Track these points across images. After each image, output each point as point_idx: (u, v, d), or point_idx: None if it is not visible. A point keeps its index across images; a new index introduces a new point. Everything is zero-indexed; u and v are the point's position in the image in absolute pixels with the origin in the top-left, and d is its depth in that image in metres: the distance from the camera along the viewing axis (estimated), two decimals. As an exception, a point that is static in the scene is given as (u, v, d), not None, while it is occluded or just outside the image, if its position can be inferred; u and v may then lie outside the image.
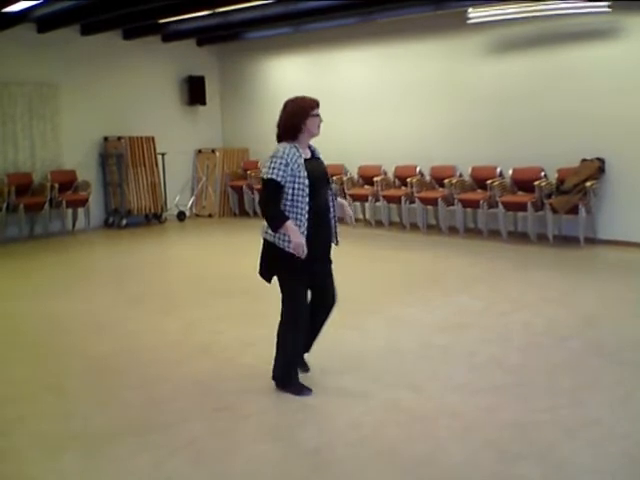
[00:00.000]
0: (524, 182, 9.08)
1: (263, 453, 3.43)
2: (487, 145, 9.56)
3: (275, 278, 4.17)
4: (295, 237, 3.87)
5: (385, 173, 10.52)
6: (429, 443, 3.52)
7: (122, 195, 11.25)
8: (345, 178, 10.86)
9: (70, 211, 10.91)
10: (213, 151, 12.59)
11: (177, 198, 12.23)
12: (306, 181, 3.95)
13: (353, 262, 8.22)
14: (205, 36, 12.02)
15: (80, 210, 10.96)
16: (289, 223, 3.89)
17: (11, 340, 5.47)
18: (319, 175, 4.09)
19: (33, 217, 10.51)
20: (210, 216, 12.47)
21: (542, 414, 3.78)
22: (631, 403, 3.92)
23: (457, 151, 9.83)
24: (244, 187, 12.14)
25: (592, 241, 8.64)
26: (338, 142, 11.22)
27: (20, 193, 10.29)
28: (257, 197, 11.96)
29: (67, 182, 10.87)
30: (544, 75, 8.99)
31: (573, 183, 8.46)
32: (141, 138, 11.41)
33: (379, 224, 10.36)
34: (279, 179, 3.91)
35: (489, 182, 9.25)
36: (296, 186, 3.93)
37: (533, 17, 8.67)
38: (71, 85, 11.00)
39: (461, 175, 9.78)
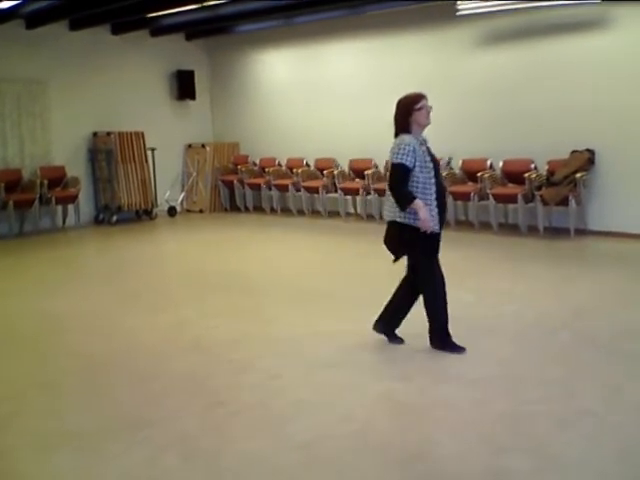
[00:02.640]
0: (514, 174, 9.11)
1: (254, 448, 3.42)
2: (477, 137, 9.57)
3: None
4: (424, 214, 4.33)
5: (376, 166, 10.51)
6: (421, 436, 3.53)
7: (112, 191, 11.21)
8: (336, 172, 10.85)
9: (60, 208, 10.87)
10: (203, 146, 12.55)
11: (167, 194, 12.20)
12: (431, 165, 4.45)
13: (343, 257, 8.24)
14: (194, 30, 11.98)
15: (70, 206, 10.93)
16: (418, 201, 4.35)
17: (2, 338, 5.44)
18: (436, 161, 4.59)
19: (23, 214, 10.46)
20: (201, 211, 12.44)
21: (534, 406, 3.79)
22: (623, 394, 3.93)
23: (447, 144, 9.80)
24: (235, 182, 12.12)
25: (582, 232, 8.68)
26: (329, 135, 11.24)
27: (9, 190, 10.25)
28: (248, 191, 11.97)
29: (56, 178, 10.83)
30: (534, 67, 9.00)
31: (563, 175, 8.49)
32: (130, 133, 11.36)
33: (370, 218, 10.36)
34: (408, 163, 4.36)
35: (479, 174, 9.27)
36: (424, 170, 4.41)
37: (522, 9, 8.68)
38: (60, 81, 10.95)
39: (452, 168, 9.79)
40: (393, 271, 4.71)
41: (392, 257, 4.60)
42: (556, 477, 3.07)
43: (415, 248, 4.53)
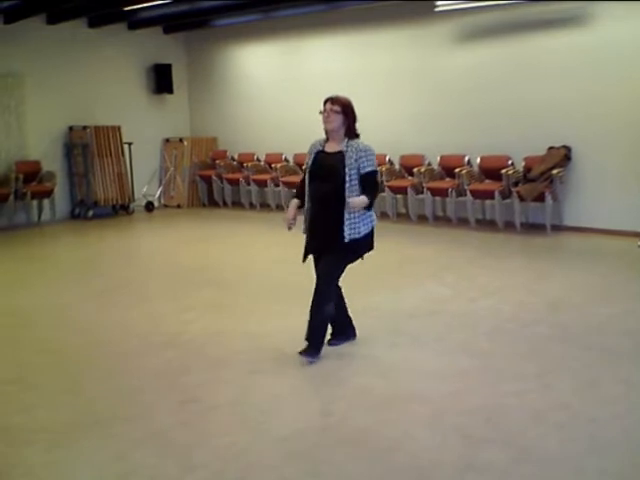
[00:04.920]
0: (492, 170, 9.15)
1: (231, 443, 3.40)
2: (455, 134, 9.60)
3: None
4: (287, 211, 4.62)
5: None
6: (398, 429, 3.52)
7: (88, 186, 11.09)
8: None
9: (35, 202, 10.75)
10: (181, 140, 12.47)
11: (145, 188, 12.10)
12: (311, 169, 4.47)
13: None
14: (172, 24, 11.87)
15: (45, 201, 10.81)
16: (292, 200, 4.64)
17: (-27, 333, 5.36)
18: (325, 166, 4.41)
19: (-3, 209, 10.33)
20: (179, 206, 12.36)
21: (509, 399, 3.81)
22: (597, 387, 3.96)
23: (426, 140, 9.85)
24: (213, 177, 12.06)
25: (558, 228, 8.74)
26: (307, 131, 11.11)
27: (-16, 184, 10.11)
28: (226, 186, 11.90)
29: (32, 173, 10.71)
30: (511, 63, 9.04)
31: (540, 171, 8.54)
32: (107, 127, 11.24)
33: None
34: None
35: (457, 171, 9.30)
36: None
37: (500, 5, 8.71)
38: (36, 75, 10.80)
39: (430, 164, 9.82)
40: (365, 265, 4.69)
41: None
42: (531, 469, 3.09)
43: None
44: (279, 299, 6.00)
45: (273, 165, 11.39)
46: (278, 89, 11.66)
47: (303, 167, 10.55)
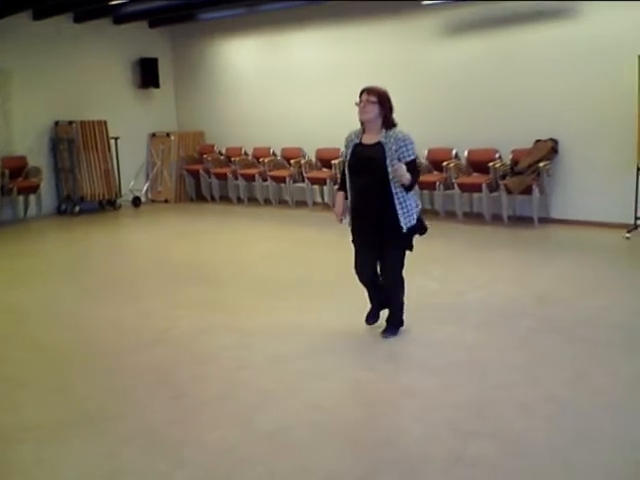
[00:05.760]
0: (479, 163, 9.17)
1: (220, 439, 3.40)
2: (442, 127, 9.61)
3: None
4: (335, 204, 4.82)
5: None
6: (387, 423, 3.54)
7: (74, 181, 11.02)
8: (303, 161, 10.82)
9: (21, 198, 10.68)
10: (168, 135, 12.41)
11: (132, 183, 12.05)
12: (351, 161, 4.55)
13: (310, 247, 8.22)
14: (157, 17, 11.79)
15: (32, 197, 10.74)
16: (339, 192, 4.80)
17: (-40, 331, 5.33)
18: (365, 158, 4.48)
19: (-17, 205, 10.26)
20: (166, 201, 12.31)
21: (497, 391, 3.83)
22: (585, 380, 3.99)
23: (413, 133, 9.75)
24: (201, 171, 12.02)
25: (545, 221, 8.79)
26: (295, 125, 11.19)
27: (-31, 180, 10.03)
28: (214, 181, 11.86)
29: (18, 168, 10.64)
30: (498, 56, 9.06)
31: (527, 164, 8.57)
32: (93, 122, 11.18)
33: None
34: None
35: (445, 164, 9.31)
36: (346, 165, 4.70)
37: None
38: (22, 70, 10.71)
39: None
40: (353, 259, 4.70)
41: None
42: (519, 462, 3.11)
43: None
44: (268, 294, 6.00)
45: (261, 159, 11.37)
46: (265, 83, 11.63)
47: (298, 159, 10.67)
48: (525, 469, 3.05)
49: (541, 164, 8.55)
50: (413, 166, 4.38)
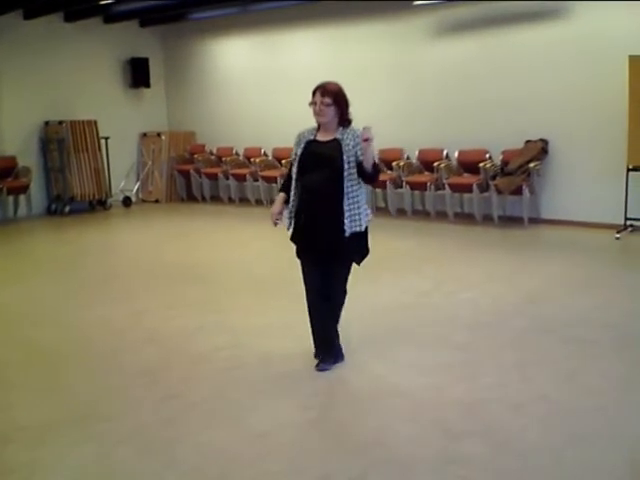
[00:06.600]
0: (470, 164, 9.20)
1: (211, 439, 3.39)
2: (433, 127, 9.63)
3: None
4: (272, 206, 4.36)
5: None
6: (378, 423, 3.53)
7: (64, 181, 10.97)
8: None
9: (11, 198, 10.62)
10: (159, 135, 12.37)
11: (122, 183, 12.00)
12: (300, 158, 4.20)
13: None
14: (148, 17, 11.77)
15: (21, 197, 10.69)
16: (280, 194, 4.37)
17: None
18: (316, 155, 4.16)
19: (-27, 205, 10.19)
20: (157, 201, 12.28)
21: (489, 391, 3.84)
22: (577, 379, 4.00)
23: (404, 134, 9.87)
24: (191, 171, 11.99)
25: (536, 221, 8.82)
26: (286, 125, 11.10)
27: (-41, 180, 9.96)
28: (205, 181, 11.84)
29: (7, 168, 10.58)
30: (489, 57, 9.08)
31: (517, 164, 8.60)
32: (83, 122, 11.13)
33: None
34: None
35: (436, 164, 9.33)
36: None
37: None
38: (13, 70, 10.66)
39: (408, 158, 9.84)
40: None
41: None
42: (510, 462, 3.11)
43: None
44: (260, 295, 5.99)
45: (252, 159, 11.35)
46: (256, 83, 11.62)
47: (289, 159, 10.56)
48: (517, 468, 3.06)
49: (531, 164, 8.58)
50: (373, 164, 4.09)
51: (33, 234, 9.98)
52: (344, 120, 4.18)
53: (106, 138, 11.37)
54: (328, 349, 4.29)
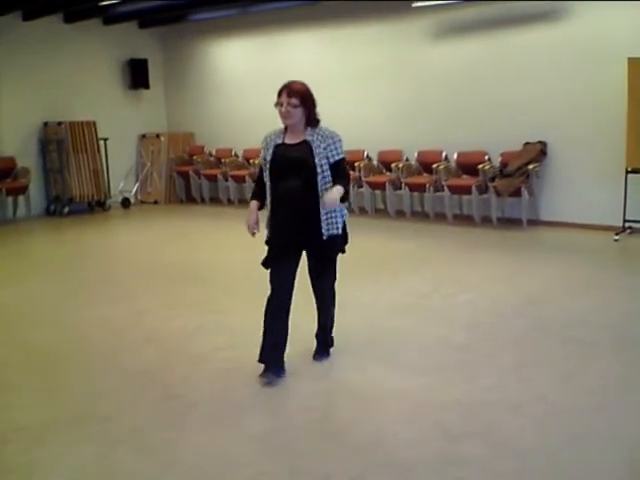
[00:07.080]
0: (469, 166, 9.20)
1: (211, 440, 3.39)
2: (433, 129, 9.64)
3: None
4: (248, 216, 4.38)
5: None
6: (377, 424, 3.53)
7: (63, 182, 10.97)
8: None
9: (10, 199, 10.62)
10: (158, 136, 12.38)
11: (121, 184, 12.00)
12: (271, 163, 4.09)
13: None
14: (148, 18, 11.77)
15: (20, 198, 10.69)
16: (252, 202, 4.42)
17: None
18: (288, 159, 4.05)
19: (-28, 205, 10.19)
20: (156, 203, 12.28)
21: (488, 392, 3.84)
22: (575, 380, 4.00)
23: (403, 135, 9.88)
24: (190, 173, 11.99)
25: (534, 223, 8.83)
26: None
27: (-42, 181, 9.97)
28: (204, 182, 11.84)
29: (6, 169, 10.59)
30: (488, 59, 9.09)
31: (516, 166, 8.61)
32: (82, 123, 11.14)
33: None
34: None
35: (435, 166, 9.34)
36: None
37: (477, 1, 8.75)
38: (12, 71, 10.67)
39: (408, 159, 9.85)
40: (343, 260, 4.70)
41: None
42: (509, 462, 3.11)
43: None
44: (259, 295, 5.96)
45: (251, 161, 11.35)
46: (256, 84, 11.60)
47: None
48: (515, 469, 3.06)
49: (530, 166, 8.59)
50: (342, 166, 3.99)
51: (32, 235, 9.98)
52: (312, 120, 4.04)
53: (105, 139, 11.37)
54: (324, 345, 4.46)
